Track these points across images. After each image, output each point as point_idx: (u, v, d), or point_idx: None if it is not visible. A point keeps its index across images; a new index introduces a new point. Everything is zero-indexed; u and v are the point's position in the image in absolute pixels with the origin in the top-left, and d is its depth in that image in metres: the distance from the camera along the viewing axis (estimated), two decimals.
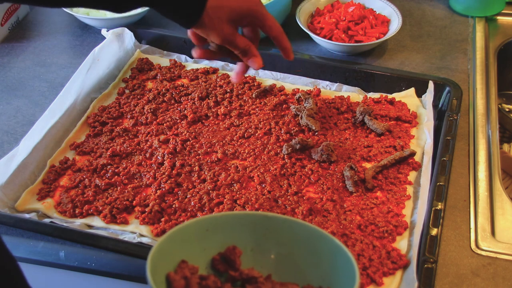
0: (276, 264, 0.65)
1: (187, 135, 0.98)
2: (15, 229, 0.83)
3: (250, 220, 0.65)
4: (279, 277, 0.63)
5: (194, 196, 0.87)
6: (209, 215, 0.65)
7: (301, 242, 0.65)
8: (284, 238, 0.65)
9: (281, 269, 0.65)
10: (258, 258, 0.65)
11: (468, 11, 1.31)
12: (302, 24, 1.18)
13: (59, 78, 1.14)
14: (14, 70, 1.17)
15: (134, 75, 1.13)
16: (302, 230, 0.64)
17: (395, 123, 1.01)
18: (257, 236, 0.65)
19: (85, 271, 0.79)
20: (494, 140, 0.98)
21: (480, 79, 1.11)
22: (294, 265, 0.65)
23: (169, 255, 0.59)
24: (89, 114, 1.03)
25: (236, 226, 0.65)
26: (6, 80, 1.14)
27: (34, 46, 1.24)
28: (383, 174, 0.91)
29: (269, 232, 0.65)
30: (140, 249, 0.78)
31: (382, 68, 1.10)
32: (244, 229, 0.65)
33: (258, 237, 0.65)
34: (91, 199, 0.87)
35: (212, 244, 0.64)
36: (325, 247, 0.63)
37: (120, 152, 0.95)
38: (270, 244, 0.66)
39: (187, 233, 0.62)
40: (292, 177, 0.90)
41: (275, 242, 0.65)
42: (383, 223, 0.82)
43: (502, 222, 0.85)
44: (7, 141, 0.99)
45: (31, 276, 0.63)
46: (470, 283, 0.76)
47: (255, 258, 0.65)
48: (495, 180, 0.91)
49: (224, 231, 0.64)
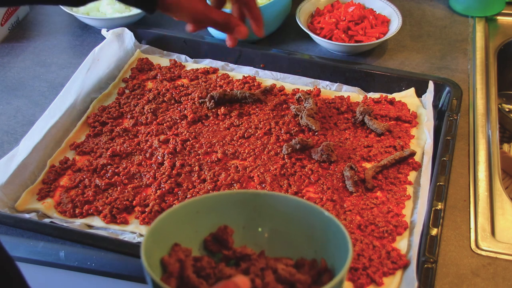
0: (269, 240, 0.66)
1: (187, 135, 0.98)
2: (15, 229, 0.83)
3: (240, 198, 0.66)
4: (273, 252, 0.64)
5: (194, 196, 0.87)
6: (199, 197, 0.65)
7: (292, 217, 0.65)
8: (275, 213, 0.65)
9: (274, 244, 0.65)
10: (250, 235, 0.65)
11: (468, 11, 1.31)
12: (302, 24, 1.18)
13: (59, 78, 1.14)
14: (14, 70, 1.17)
15: (134, 75, 1.13)
16: (293, 205, 0.65)
17: (395, 123, 1.01)
18: (248, 213, 0.66)
19: (85, 271, 0.79)
20: (494, 140, 0.98)
21: (480, 79, 1.11)
22: (287, 240, 0.65)
23: (161, 239, 0.60)
24: (89, 114, 1.03)
25: (226, 205, 0.65)
26: (6, 80, 1.14)
27: (34, 46, 1.24)
28: (383, 174, 0.91)
29: (260, 209, 0.65)
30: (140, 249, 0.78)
31: (382, 68, 1.10)
32: (235, 207, 0.65)
33: (249, 214, 0.66)
34: (91, 199, 0.87)
35: (203, 225, 0.64)
36: (316, 220, 0.63)
37: (120, 152, 0.95)
38: (262, 221, 0.66)
39: (177, 216, 0.62)
40: (292, 177, 0.90)
41: (267, 218, 0.66)
42: (383, 223, 0.82)
43: (502, 222, 0.85)
44: (7, 141, 0.99)
45: (31, 276, 0.63)
46: (470, 283, 0.76)
47: (248, 236, 0.65)
48: (495, 180, 0.91)
49: (214, 211, 0.65)
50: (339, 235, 0.59)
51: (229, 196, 0.67)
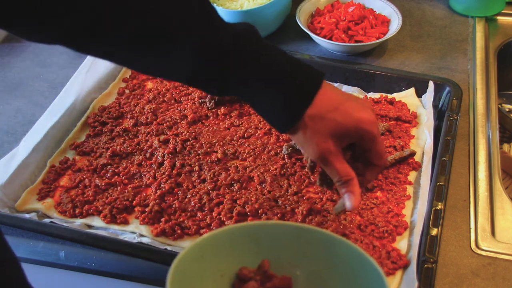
0: (306, 278, 0.62)
1: (187, 135, 0.98)
2: (15, 229, 0.83)
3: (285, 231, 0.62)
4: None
5: (194, 196, 0.87)
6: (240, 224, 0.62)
7: (332, 256, 0.61)
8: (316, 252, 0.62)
9: (311, 283, 0.62)
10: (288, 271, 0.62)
11: (468, 11, 1.31)
12: (302, 24, 1.18)
13: (59, 78, 1.14)
14: (14, 70, 1.17)
15: (134, 75, 1.13)
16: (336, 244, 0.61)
17: (395, 123, 1.01)
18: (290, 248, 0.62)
19: (85, 271, 0.79)
20: (494, 140, 0.98)
21: (480, 79, 1.11)
22: (325, 280, 0.62)
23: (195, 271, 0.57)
24: (89, 114, 1.03)
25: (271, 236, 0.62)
26: (6, 80, 1.14)
27: (34, 46, 1.23)
28: (383, 174, 0.91)
29: (303, 245, 0.62)
30: (140, 249, 0.78)
31: (382, 68, 1.10)
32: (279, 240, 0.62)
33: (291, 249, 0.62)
34: (91, 199, 0.87)
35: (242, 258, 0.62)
36: (360, 267, 0.59)
37: (120, 152, 0.95)
38: (302, 258, 0.63)
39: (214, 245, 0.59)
40: (292, 177, 0.90)
41: (308, 256, 0.62)
42: (383, 223, 0.82)
43: (502, 222, 0.85)
44: (7, 141, 1.00)
45: (31, 276, 0.63)
46: (470, 283, 0.76)
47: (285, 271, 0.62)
48: (495, 180, 0.91)
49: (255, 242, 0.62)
50: (377, 280, 0.56)
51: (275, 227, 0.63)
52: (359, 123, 0.66)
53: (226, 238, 0.61)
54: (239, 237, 0.62)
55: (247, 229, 0.62)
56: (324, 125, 0.65)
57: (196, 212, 0.85)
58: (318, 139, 0.65)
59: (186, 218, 0.84)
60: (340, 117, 0.65)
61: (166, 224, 0.82)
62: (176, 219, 0.84)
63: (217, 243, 0.60)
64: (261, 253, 0.62)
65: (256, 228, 0.63)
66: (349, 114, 0.65)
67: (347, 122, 0.65)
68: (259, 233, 0.62)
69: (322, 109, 0.64)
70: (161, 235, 0.82)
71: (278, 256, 0.63)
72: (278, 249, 0.63)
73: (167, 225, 0.82)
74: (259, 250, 0.62)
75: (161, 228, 0.82)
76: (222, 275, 0.60)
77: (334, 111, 0.65)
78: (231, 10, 1.15)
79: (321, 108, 0.64)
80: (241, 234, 0.62)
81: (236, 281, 0.61)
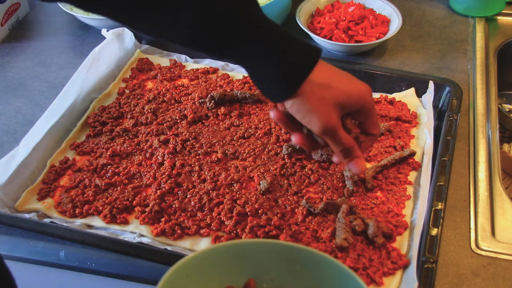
0: None
1: (187, 135, 0.98)
2: (15, 229, 0.83)
3: (271, 249, 0.62)
4: None
5: (194, 196, 0.87)
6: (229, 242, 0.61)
7: (320, 276, 0.61)
8: (304, 270, 0.62)
9: None
10: None
11: (468, 11, 1.31)
12: (302, 24, 1.18)
13: (59, 78, 1.14)
14: (14, 70, 1.17)
15: (134, 75, 1.13)
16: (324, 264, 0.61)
17: (395, 123, 1.01)
18: (277, 267, 0.62)
19: (85, 271, 0.79)
20: (494, 140, 0.98)
21: (480, 79, 1.11)
22: None
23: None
24: (89, 114, 1.03)
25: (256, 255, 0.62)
26: (6, 80, 1.14)
27: (34, 46, 1.24)
28: (383, 174, 0.91)
29: (290, 263, 0.62)
30: (140, 249, 0.78)
31: (382, 68, 1.10)
32: (265, 258, 0.62)
33: (277, 268, 0.62)
34: (91, 199, 0.87)
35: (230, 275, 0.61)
36: (346, 285, 0.60)
37: (120, 152, 0.95)
38: (289, 277, 0.62)
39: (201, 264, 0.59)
40: (292, 177, 0.90)
41: (297, 274, 0.62)
42: (383, 223, 0.82)
43: (502, 222, 0.85)
44: (7, 141, 1.00)
45: (31, 276, 0.63)
46: (470, 283, 0.76)
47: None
48: (495, 180, 0.91)
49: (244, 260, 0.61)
50: None
51: (260, 245, 0.62)
52: (361, 92, 0.67)
53: (210, 257, 0.60)
54: (223, 256, 0.61)
55: (231, 248, 0.62)
56: (331, 93, 0.64)
57: (196, 212, 0.85)
58: (325, 108, 0.64)
59: (186, 218, 0.84)
60: (344, 87, 0.66)
61: (166, 224, 0.82)
62: (176, 219, 0.84)
63: (201, 262, 0.59)
64: (246, 271, 0.62)
65: (241, 247, 0.62)
66: (351, 84, 0.67)
67: (351, 92, 0.66)
68: (243, 251, 0.62)
69: (328, 78, 0.65)
70: (161, 235, 0.82)
71: (263, 275, 0.62)
72: (263, 268, 0.62)
73: (167, 225, 0.82)
74: (244, 269, 0.62)
75: (161, 228, 0.82)
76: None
77: (339, 81, 0.66)
78: None
79: (326, 77, 0.64)
80: (225, 253, 0.61)
81: None
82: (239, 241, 0.63)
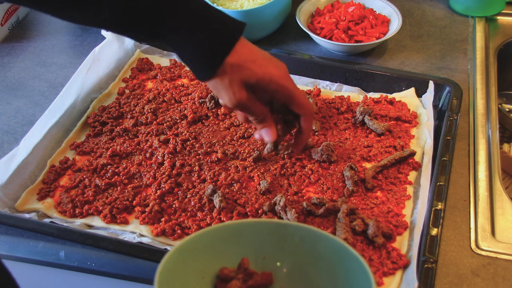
0: (288, 274, 0.63)
1: (187, 135, 0.98)
2: (15, 229, 0.83)
3: (263, 228, 0.63)
4: (291, 287, 0.62)
5: (194, 196, 0.87)
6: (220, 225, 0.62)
7: (314, 250, 0.62)
8: (296, 246, 0.63)
9: (293, 279, 0.63)
10: (269, 267, 0.63)
11: (468, 11, 1.31)
12: (302, 24, 1.18)
13: (59, 78, 1.14)
14: (14, 70, 1.17)
15: (134, 75, 1.13)
16: (316, 239, 0.62)
17: (395, 123, 1.01)
18: (270, 245, 0.63)
19: (85, 271, 0.79)
20: (494, 140, 0.98)
21: (480, 79, 1.11)
22: (306, 273, 0.63)
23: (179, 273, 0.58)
24: (89, 114, 1.03)
25: (249, 235, 0.63)
26: (6, 80, 1.14)
27: (34, 46, 1.24)
28: (383, 174, 0.91)
29: (283, 241, 0.63)
30: (140, 249, 0.78)
31: (382, 68, 1.10)
32: (258, 237, 0.63)
33: (271, 246, 0.63)
34: (91, 199, 0.87)
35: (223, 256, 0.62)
36: (339, 256, 0.61)
37: (120, 152, 0.95)
38: (283, 254, 0.63)
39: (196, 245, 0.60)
40: (292, 177, 0.90)
41: (289, 251, 0.63)
42: (383, 223, 0.82)
43: (502, 222, 0.85)
44: (7, 141, 1.00)
45: (31, 276, 0.63)
46: (470, 283, 0.76)
47: (266, 268, 0.63)
48: (495, 180, 0.91)
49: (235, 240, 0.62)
50: (362, 274, 0.57)
51: (251, 225, 0.64)
52: (272, 77, 0.71)
53: (204, 240, 0.61)
54: (217, 239, 0.62)
55: (224, 230, 0.63)
56: (241, 75, 0.69)
57: (196, 212, 0.85)
58: (235, 88, 0.69)
59: (186, 218, 0.84)
60: (256, 69, 0.69)
61: (166, 224, 0.82)
62: (176, 219, 0.84)
63: (196, 246, 0.60)
64: (240, 252, 0.63)
65: (233, 228, 0.63)
66: (264, 67, 0.70)
67: (263, 75, 0.70)
68: (236, 232, 0.63)
69: (241, 59, 0.68)
70: (161, 235, 0.82)
71: (258, 254, 0.63)
72: (257, 247, 0.63)
73: (167, 225, 0.82)
74: (238, 249, 0.63)
75: (161, 228, 0.82)
76: (203, 277, 0.61)
77: (252, 62, 0.69)
78: (231, 10, 1.15)
79: (240, 58, 0.68)
80: (219, 235, 0.62)
81: (218, 282, 0.61)
82: (231, 222, 0.65)
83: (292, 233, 0.63)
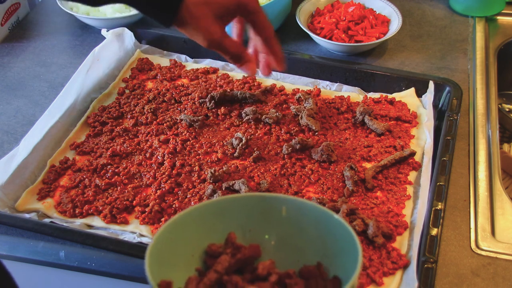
0: (276, 245, 0.64)
1: (187, 135, 0.98)
2: (15, 229, 0.83)
3: (245, 203, 0.64)
4: (279, 257, 0.62)
5: (194, 196, 0.87)
6: (204, 203, 0.64)
7: (299, 220, 0.63)
8: (282, 217, 0.64)
9: (281, 249, 0.64)
10: (256, 240, 0.64)
11: (468, 11, 1.31)
12: (302, 24, 1.18)
13: (59, 78, 1.14)
14: (14, 70, 1.17)
15: (134, 75, 1.13)
16: (300, 207, 0.63)
17: (395, 123, 1.01)
18: (255, 218, 0.64)
19: (85, 271, 0.79)
20: (494, 140, 0.98)
21: (480, 79, 1.11)
22: (294, 243, 0.64)
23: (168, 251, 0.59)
24: (89, 114, 1.03)
25: (232, 210, 0.64)
26: (6, 80, 1.14)
27: (34, 46, 1.24)
28: (383, 174, 0.91)
29: (267, 213, 0.64)
30: (140, 249, 0.78)
31: (382, 68, 1.10)
32: (242, 212, 0.64)
33: (256, 219, 0.64)
34: (91, 199, 0.87)
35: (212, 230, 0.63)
36: (324, 223, 0.61)
37: (120, 152, 0.95)
38: (269, 226, 0.65)
39: (183, 224, 0.61)
40: (292, 177, 0.90)
41: (274, 222, 0.64)
42: (383, 223, 0.82)
43: (502, 222, 0.85)
44: (7, 141, 0.99)
45: (31, 276, 0.63)
46: (470, 283, 0.76)
47: (254, 240, 0.64)
48: (495, 180, 0.91)
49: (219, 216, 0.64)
50: (348, 239, 0.58)
51: (234, 200, 0.65)
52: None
53: (190, 219, 0.62)
54: (202, 216, 0.63)
55: (208, 207, 0.64)
56: (209, 8, 0.69)
57: None
58: (205, 23, 0.69)
59: None
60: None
61: None
62: None
63: (182, 226, 0.61)
64: (226, 227, 0.64)
65: (217, 205, 0.64)
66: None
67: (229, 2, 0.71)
68: (221, 209, 0.64)
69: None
70: None
71: (244, 227, 0.64)
72: (243, 221, 0.64)
73: None
74: (224, 225, 0.64)
75: None
76: (193, 255, 0.62)
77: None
78: None
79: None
80: (204, 213, 0.63)
81: (207, 258, 0.62)
82: (215, 199, 0.66)
83: (276, 205, 0.64)
